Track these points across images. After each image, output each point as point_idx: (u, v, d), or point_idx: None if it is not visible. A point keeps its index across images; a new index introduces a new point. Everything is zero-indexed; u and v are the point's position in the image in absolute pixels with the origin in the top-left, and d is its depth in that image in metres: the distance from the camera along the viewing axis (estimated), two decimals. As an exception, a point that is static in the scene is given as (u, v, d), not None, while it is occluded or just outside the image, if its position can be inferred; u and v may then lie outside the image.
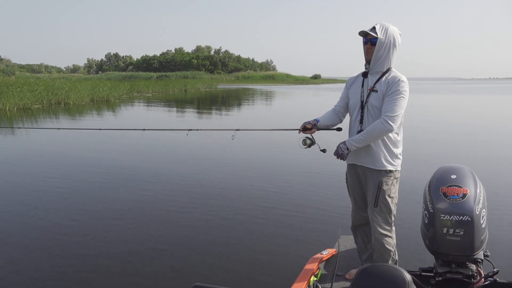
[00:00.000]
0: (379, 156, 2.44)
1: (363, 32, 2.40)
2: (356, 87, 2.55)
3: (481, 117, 17.04)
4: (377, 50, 2.38)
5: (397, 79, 2.38)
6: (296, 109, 20.39)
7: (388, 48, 2.38)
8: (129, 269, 3.39)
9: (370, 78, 2.48)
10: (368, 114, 2.45)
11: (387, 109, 2.35)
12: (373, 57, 2.40)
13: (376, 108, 2.42)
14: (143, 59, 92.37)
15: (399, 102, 2.35)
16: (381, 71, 2.44)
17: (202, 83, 48.59)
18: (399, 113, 2.36)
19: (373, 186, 2.47)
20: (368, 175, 2.50)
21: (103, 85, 27.18)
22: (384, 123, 2.33)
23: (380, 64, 2.42)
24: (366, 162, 2.49)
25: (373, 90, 2.44)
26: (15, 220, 4.45)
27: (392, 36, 2.37)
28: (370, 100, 2.44)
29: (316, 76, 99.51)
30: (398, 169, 2.51)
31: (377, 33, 2.36)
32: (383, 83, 2.41)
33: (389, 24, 2.40)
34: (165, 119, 15.70)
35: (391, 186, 2.48)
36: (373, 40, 2.38)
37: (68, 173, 6.50)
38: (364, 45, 2.44)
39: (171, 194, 5.42)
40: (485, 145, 9.44)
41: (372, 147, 2.45)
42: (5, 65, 50.56)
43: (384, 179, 2.44)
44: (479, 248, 2.27)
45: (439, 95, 36.11)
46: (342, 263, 2.95)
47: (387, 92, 2.38)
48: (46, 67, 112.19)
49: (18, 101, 18.46)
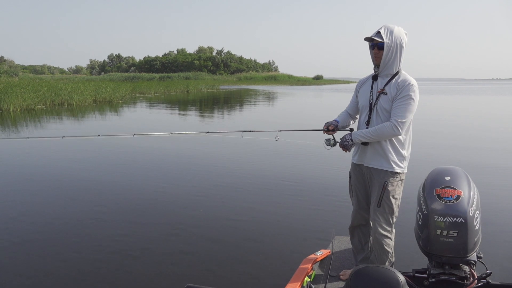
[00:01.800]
0: (386, 157, 2.46)
1: (369, 38, 2.40)
2: (366, 89, 2.58)
3: (479, 118, 16.95)
4: (385, 54, 2.38)
5: (407, 82, 2.40)
6: (303, 110, 20.40)
7: (396, 50, 2.39)
8: (121, 270, 3.37)
9: (380, 80, 2.49)
10: (376, 116, 2.48)
11: (397, 113, 2.38)
12: (382, 61, 2.40)
13: (386, 111, 2.44)
14: (145, 60, 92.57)
15: (409, 107, 2.37)
16: (391, 74, 2.45)
17: (204, 84, 48.68)
18: (409, 118, 2.39)
19: (378, 186, 2.49)
20: (374, 175, 2.52)
21: (106, 86, 27.27)
22: (394, 127, 2.37)
23: (389, 67, 2.43)
24: (373, 164, 2.51)
25: (382, 92, 2.45)
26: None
27: (398, 38, 2.37)
28: (380, 103, 2.46)
29: (318, 77, 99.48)
30: (404, 171, 2.53)
31: (382, 37, 2.35)
32: (393, 86, 2.42)
33: (394, 25, 2.40)
34: (168, 120, 15.77)
35: (396, 187, 2.49)
36: (379, 45, 2.38)
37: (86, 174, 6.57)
38: (372, 50, 2.45)
39: (162, 194, 5.44)
40: (480, 146, 9.44)
41: (380, 148, 2.48)
42: (8, 66, 50.74)
43: (389, 180, 2.46)
44: (473, 250, 2.28)
45: (441, 96, 36.00)
46: (336, 264, 2.94)
47: (397, 95, 2.40)
48: (49, 68, 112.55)
49: (22, 102, 18.59)
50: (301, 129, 3.17)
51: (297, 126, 12.57)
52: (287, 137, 3.36)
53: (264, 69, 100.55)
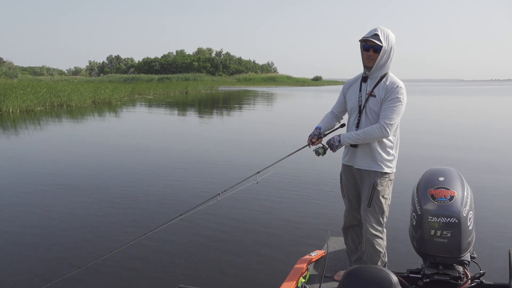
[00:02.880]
0: (375, 158, 2.49)
1: (368, 40, 2.38)
2: (354, 91, 2.58)
3: (475, 118, 16.93)
4: (380, 58, 2.40)
5: (396, 85, 2.43)
6: (299, 111, 20.43)
7: (389, 54, 2.42)
8: (112, 269, 3.36)
9: (369, 82, 2.50)
10: (366, 118, 2.50)
11: (386, 115, 2.41)
12: (375, 64, 2.41)
13: (375, 113, 2.47)
14: (144, 61, 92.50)
15: (397, 109, 2.41)
16: (380, 76, 2.48)
17: (203, 85, 48.62)
18: (397, 120, 2.43)
19: (368, 186, 2.52)
20: (364, 176, 2.54)
21: (105, 87, 27.26)
22: (382, 130, 2.41)
23: (380, 70, 2.46)
24: (362, 165, 2.54)
25: (371, 95, 2.47)
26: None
27: (392, 42, 2.41)
28: (369, 105, 2.48)
29: (317, 78, 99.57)
30: (393, 171, 2.56)
31: (381, 40, 2.36)
32: (382, 89, 2.45)
33: (388, 29, 2.42)
34: (169, 121, 15.80)
35: (386, 187, 2.52)
36: (375, 47, 2.38)
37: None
38: (365, 52, 2.42)
39: (159, 193, 5.47)
40: (475, 146, 9.48)
41: (369, 149, 2.50)
42: (8, 68, 50.61)
43: (379, 180, 2.49)
44: (466, 250, 2.31)
45: (438, 97, 36.04)
46: (330, 265, 2.95)
47: (386, 98, 2.43)
48: (48, 70, 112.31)
49: (21, 103, 18.59)
50: (283, 158, 2.85)
51: (293, 129, 12.62)
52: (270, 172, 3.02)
53: (263, 70, 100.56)
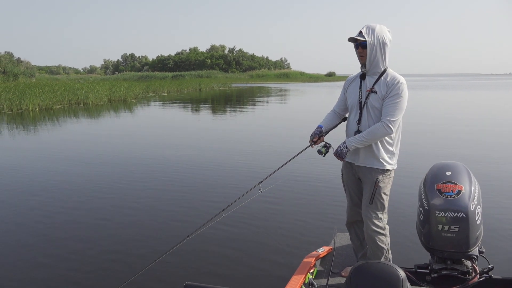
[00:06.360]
0: (377, 156, 2.50)
1: (352, 38, 2.47)
2: (354, 88, 2.60)
3: (486, 113, 16.54)
4: (369, 52, 2.43)
5: (396, 81, 2.45)
6: (312, 107, 20.41)
7: (379, 48, 2.44)
8: (118, 267, 3.38)
9: (368, 79, 2.53)
10: (367, 114, 2.51)
11: (388, 112, 2.43)
12: (367, 59, 2.46)
13: (376, 109, 2.48)
14: (158, 59, 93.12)
15: (399, 105, 2.43)
16: (378, 72, 2.49)
17: (216, 82, 48.77)
18: (399, 116, 2.45)
19: (370, 183, 2.52)
20: (366, 173, 2.55)
21: (120, 85, 27.64)
22: (386, 127, 2.42)
23: (375, 65, 2.47)
24: (364, 163, 2.54)
25: (372, 91, 2.49)
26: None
27: (381, 36, 2.42)
28: (370, 101, 2.49)
29: (331, 73, 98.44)
30: (394, 167, 2.57)
31: (364, 36, 2.42)
32: (382, 85, 2.47)
33: (376, 24, 2.46)
34: (180, 119, 15.98)
35: (387, 184, 2.54)
36: (362, 44, 2.44)
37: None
38: (356, 50, 2.51)
39: (165, 191, 5.50)
40: (484, 140, 9.36)
41: (370, 147, 2.51)
42: (25, 67, 51.59)
43: (381, 177, 2.50)
44: (474, 245, 2.31)
45: (453, 92, 35.29)
46: (338, 261, 2.94)
47: (387, 94, 2.45)
48: (64, 69, 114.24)
49: (41, 102, 19.13)
50: (285, 163, 2.83)
51: (304, 127, 12.57)
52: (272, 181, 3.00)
53: (276, 67, 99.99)
